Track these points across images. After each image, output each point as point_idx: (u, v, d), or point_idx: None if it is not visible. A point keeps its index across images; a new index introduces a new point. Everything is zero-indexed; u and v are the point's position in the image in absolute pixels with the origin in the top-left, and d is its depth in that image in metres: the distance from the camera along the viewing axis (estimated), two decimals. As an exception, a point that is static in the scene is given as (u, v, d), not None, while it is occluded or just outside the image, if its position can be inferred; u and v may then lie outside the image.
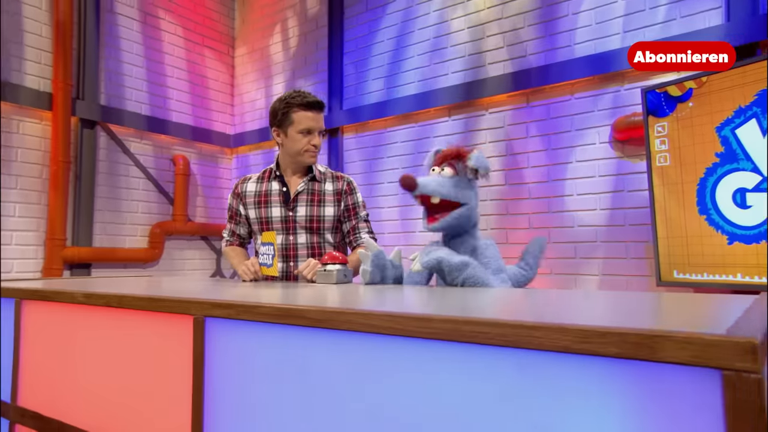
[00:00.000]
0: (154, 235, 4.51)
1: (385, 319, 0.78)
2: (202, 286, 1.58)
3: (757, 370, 0.51)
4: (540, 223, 3.40)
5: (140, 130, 4.50)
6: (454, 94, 3.77)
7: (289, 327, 0.91)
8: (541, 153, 3.43)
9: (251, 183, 2.30)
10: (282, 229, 2.17)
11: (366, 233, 2.21)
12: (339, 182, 2.22)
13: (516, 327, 0.66)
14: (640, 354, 0.57)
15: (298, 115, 2.11)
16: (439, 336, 0.73)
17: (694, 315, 0.76)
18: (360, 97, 4.35)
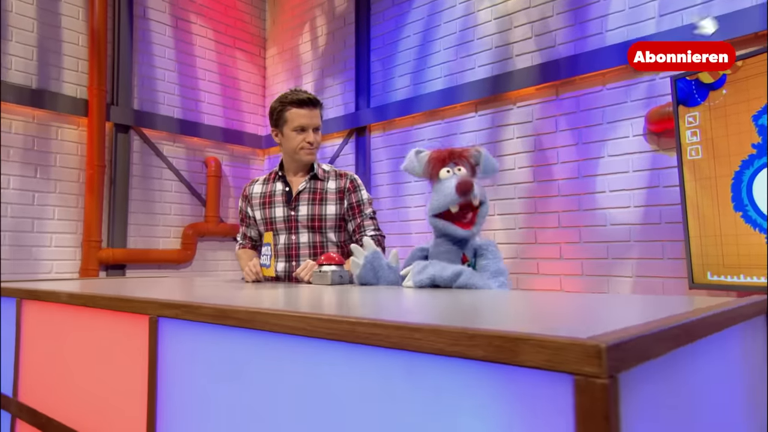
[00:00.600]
0: (186, 236, 4.69)
1: (295, 319, 0.80)
2: (188, 286, 1.65)
3: (601, 374, 0.50)
4: (570, 221, 3.32)
5: (173, 133, 4.69)
6: (480, 89, 3.73)
7: (223, 327, 0.95)
8: (571, 148, 3.35)
9: (257, 185, 2.37)
10: (285, 228, 2.22)
11: (372, 231, 2.22)
12: (342, 180, 2.24)
13: (400, 329, 0.67)
14: (503, 357, 0.57)
15: (292, 113, 2.16)
16: (338, 337, 0.74)
17: (592, 317, 0.75)
18: (386, 94, 4.37)
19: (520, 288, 3.49)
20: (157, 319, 1.09)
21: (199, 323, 1.00)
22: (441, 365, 0.64)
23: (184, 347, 1.04)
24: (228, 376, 0.93)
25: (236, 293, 1.35)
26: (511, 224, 3.56)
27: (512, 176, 3.59)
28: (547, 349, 0.54)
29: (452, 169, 1.62)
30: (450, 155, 1.63)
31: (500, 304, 0.99)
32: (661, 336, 0.60)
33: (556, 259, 3.35)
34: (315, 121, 2.18)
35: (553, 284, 3.35)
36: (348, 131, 4.61)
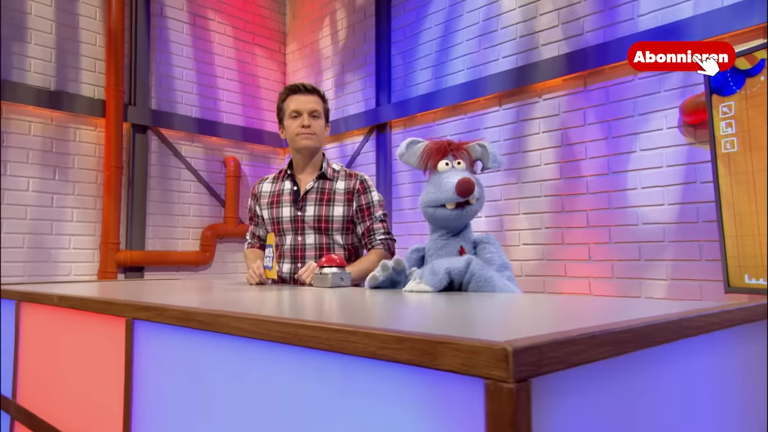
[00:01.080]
0: (205, 237, 4.80)
1: (249, 322, 0.83)
2: (183, 288, 1.71)
3: (508, 379, 0.51)
4: (599, 220, 3.27)
5: (191, 132, 4.82)
6: (504, 81, 3.71)
7: (189, 330, 0.99)
8: (601, 142, 3.30)
9: (267, 183, 2.43)
10: (291, 229, 2.26)
11: (382, 235, 2.24)
12: (351, 181, 2.27)
13: (337, 332, 0.69)
14: (425, 361, 0.58)
15: (286, 103, 2.25)
16: (286, 340, 0.77)
17: (546, 320, 0.75)
18: (408, 89, 4.39)
19: (546, 291, 3.46)
20: (132, 322, 1.14)
21: (168, 325, 1.04)
22: (373, 368, 0.66)
23: (156, 349, 1.09)
24: (194, 378, 0.97)
25: (220, 296, 1.39)
26: (537, 224, 3.53)
27: (538, 173, 3.55)
28: (462, 353, 0.55)
29: (451, 162, 1.65)
30: (449, 147, 1.65)
31: (482, 309, 1.00)
32: (595, 341, 0.60)
33: (584, 260, 3.31)
34: (309, 105, 2.22)
35: (582, 287, 3.31)
36: (369, 128, 4.64)
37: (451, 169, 1.63)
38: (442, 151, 1.66)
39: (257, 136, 5.22)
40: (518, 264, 3.60)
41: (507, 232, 3.68)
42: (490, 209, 3.78)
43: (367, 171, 4.68)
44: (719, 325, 0.84)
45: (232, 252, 5.02)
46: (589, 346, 0.59)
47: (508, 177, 3.70)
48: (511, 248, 3.65)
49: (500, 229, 3.72)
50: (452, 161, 1.65)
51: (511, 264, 1.64)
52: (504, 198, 3.72)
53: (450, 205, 1.58)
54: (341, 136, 4.93)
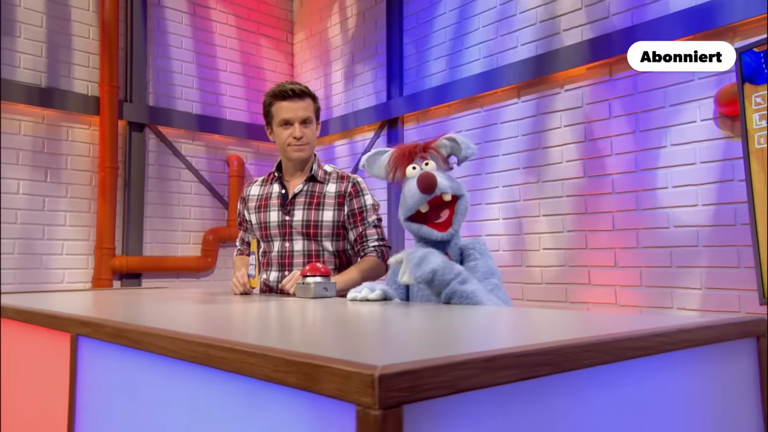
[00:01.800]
0: (207, 242, 4.89)
1: (170, 341, 0.86)
2: (152, 298, 1.76)
3: (373, 405, 0.52)
4: (626, 223, 3.24)
5: (191, 130, 4.91)
6: (523, 71, 3.70)
7: (122, 347, 1.02)
8: (627, 136, 3.26)
9: (255, 186, 2.47)
10: (279, 234, 2.29)
11: (375, 241, 2.26)
12: (343, 183, 2.29)
13: (239, 353, 0.71)
14: (309, 385, 0.60)
15: (276, 108, 2.26)
16: (198, 360, 0.80)
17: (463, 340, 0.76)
18: (420, 80, 4.41)
19: (569, 300, 3.43)
20: (77, 338, 1.18)
21: (106, 342, 1.08)
22: (271, 392, 0.68)
23: (97, 366, 1.13)
24: (130, 397, 1.01)
25: (181, 308, 1.43)
26: (558, 226, 3.51)
27: (559, 171, 3.53)
28: (338, 378, 0.56)
29: (419, 165, 1.64)
30: (414, 150, 1.66)
31: (407, 327, 1.01)
32: (492, 364, 0.61)
33: (610, 267, 3.28)
34: (301, 113, 2.23)
35: (607, 296, 3.27)
36: (379, 123, 4.67)
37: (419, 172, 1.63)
38: (407, 155, 1.66)
39: (262, 133, 5.27)
40: (538, 270, 3.59)
41: (526, 235, 3.67)
42: (508, 210, 3.77)
43: (378, 169, 4.69)
44: (673, 345, 0.83)
45: (236, 257, 5.09)
46: (484, 369, 0.60)
47: (527, 176, 3.69)
48: (530, 253, 3.64)
49: (519, 232, 3.71)
50: (420, 164, 1.65)
51: (497, 269, 1.63)
52: (523, 198, 3.70)
53: (423, 207, 1.58)
54: (351, 132, 4.97)
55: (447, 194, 1.57)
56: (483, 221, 3.91)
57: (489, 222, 3.88)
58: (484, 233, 3.90)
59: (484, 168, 3.92)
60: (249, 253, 2.50)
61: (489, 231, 3.88)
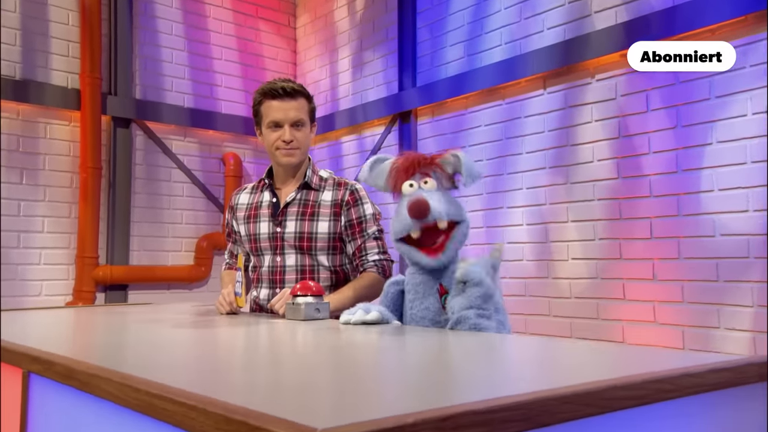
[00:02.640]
0: (200, 249, 4.90)
1: (116, 386, 0.85)
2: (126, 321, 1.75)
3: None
4: (665, 230, 3.19)
5: (183, 126, 4.92)
6: (550, 58, 3.67)
7: (72, 389, 1.01)
8: (667, 133, 3.21)
9: (244, 194, 2.47)
10: (270, 248, 2.29)
11: (376, 255, 2.25)
12: (340, 191, 2.29)
13: (181, 405, 0.70)
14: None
15: (265, 107, 2.25)
16: (142, 409, 0.78)
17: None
18: (435, 69, 4.38)
19: (600, 318, 3.38)
20: (28, 374, 1.17)
21: (55, 382, 1.06)
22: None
23: (48, 407, 1.12)
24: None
25: (148, 336, 1.42)
26: (589, 234, 3.46)
27: (590, 171, 3.49)
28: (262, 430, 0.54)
29: (417, 182, 1.65)
30: (415, 164, 1.66)
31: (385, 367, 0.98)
32: (449, 424, 0.58)
33: (647, 280, 3.23)
34: (292, 114, 2.22)
35: (645, 313, 3.22)
36: (391, 117, 4.66)
37: (417, 190, 1.64)
38: (407, 169, 1.67)
39: (262, 127, 5.28)
40: (566, 283, 3.54)
41: (553, 243, 3.63)
42: (532, 215, 3.73)
43: (388, 169, 4.67)
44: (675, 393, 0.79)
45: (233, 266, 5.10)
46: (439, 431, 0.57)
47: (554, 176, 3.64)
48: (557, 263, 3.60)
49: (545, 239, 3.66)
50: (418, 181, 1.66)
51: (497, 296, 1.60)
52: (549, 202, 3.66)
53: (414, 233, 1.59)
54: (359, 127, 4.96)
55: (442, 221, 1.57)
56: (504, 227, 3.87)
57: (511, 228, 3.84)
58: (506, 240, 3.85)
59: (506, 167, 3.88)
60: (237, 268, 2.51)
61: (511, 238, 3.83)
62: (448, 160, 1.69)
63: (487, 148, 4.03)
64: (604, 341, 3.34)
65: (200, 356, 1.19)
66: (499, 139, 3.95)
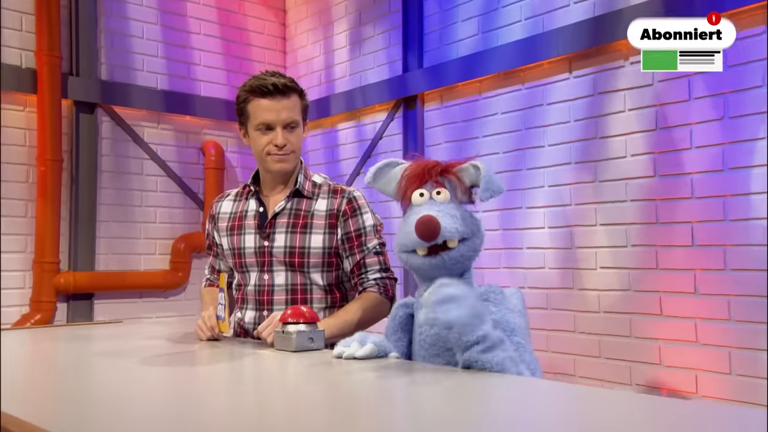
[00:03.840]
0: (177, 252, 4.87)
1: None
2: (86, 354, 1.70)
3: None
4: (709, 237, 3.17)
5: (156, 111, 4.87)
6: (577, 37, 3.63)
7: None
8: (713, 125, 3.19)
9: (227, 201, 2.47)
10: (256, 264, 2.29)
11: (377, 273, 2.25)
12: (336, 199, 2.29)
13: None
14: None
15: (253, 106, 2.22)
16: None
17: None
18: (445, 48, 4.36)
19: (633, 336, 3.36)
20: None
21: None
22: None
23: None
24: None
25: (107, 376, 1.37)
26: (621, 240, 3.45)
27: (622, 168, 3.46)
28: None
29: (429, 192, 1.67)
30: (428, 171, 1.68)
31: None
32: None
33: (688, 294, 3.21)
34: (284, 115, 2.20)
35: (685, 331, 3.20)
36: (394, 102, 4.64)
37: (428, 201, 1.66)
38: (419, 176, 1.69)
39: (246, 112, 5.22)
40: (594, 295, 3.53)
41: (579, 250, 3.61)
42: (555, 217, 3.71)
43: (390, 161, 4.63)
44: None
45: (213, 271, 5.06)
46: None
47: (580, 173, 3.62)
48: (584, 273, 3.59)
49: (569, 245, 3.65)
50: (430, 191, 1.68)
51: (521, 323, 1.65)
52: (575, 202, 3.64)
53: (421, 250, 1.62)
54: (357, 113, 4.94)
55: (453, 241, 1.61)
56: (523, 230, 3.85)
57: (531, 231, 3.80)
58: (525, 246, 3.83)
59: (525, 162, 3.85)
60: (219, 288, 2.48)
61: (531, 243, 3.81)
62: (466, 170, 1.69)
63: (503, 140, 4.00)
64: (648, 388, 3.30)
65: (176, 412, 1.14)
66: (518, 130, 3.92)
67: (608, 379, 3.43)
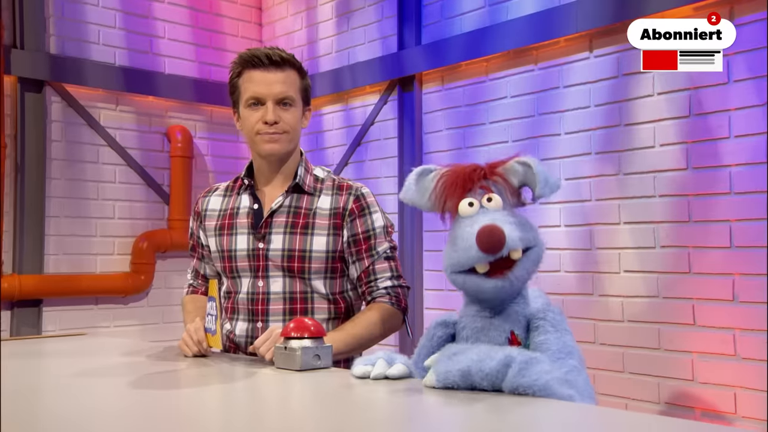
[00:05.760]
0: (139, 252, 4.81)
1: None
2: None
3: None
4: (749, 237, 3.16)
5: (114, 90, 4.80)
6: (598, 11, 3.61)
7: None
8: (754, 111, 3.18)
9: (215, 197, 2.46)
10: (248, 269, 2.28)
11: (388, 281, 2.26)
12: (341, 196, 2.29)
13: None
14: None
15: (244, 80, 2.24)
16: None
17: None
18: (447, 23, 4.35)
19: (664, 348, 3.35)
20: None
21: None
22: None
23: None
24: None
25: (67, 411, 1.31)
26: (648, 240, 3.44)
27: (650, 159, 3.46)
28: None
29: (477, 200, 1.66)
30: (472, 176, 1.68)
31: None
32: None
33: (726, 301, 3.21)
34: (277, 88, 2.20)
35: (723, 344, 3.20)
36: (388, 83, 4.62)
37: (479, 210, 1.65)
38: (463, 183, 1.68)
39: (218, 93, 5.17)
40: (617, 302, 3.53)
41: (600, 251, 3.60)
42: (573, 215, 3.71)
43: (385, 150, 4.64)
44: None
45: (181, 273, 4.98)
46: None
47: (602, 165, 3.61)
48: (606, 277, 3.59)
49: (589, 246, 3.64)
50: (479, 198, 1.66)
51: (577, 347, 1.68)
52: (595, 198, 3.63)
53: (481, 267, 1.60)
54: (345, 95, 4.93)
55: (517, 251, 1.60)
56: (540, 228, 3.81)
57: (546, 230, 3.77)
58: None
59: (539, 152, 3.84)
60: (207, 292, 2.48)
61: (546, 242, 3.76)
62: (513, 169, 1.70)
63: (513, 127, 3.99)
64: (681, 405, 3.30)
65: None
66: (530, 116, 3.91)
67: (633, 396, 3.43)
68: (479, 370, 1.47)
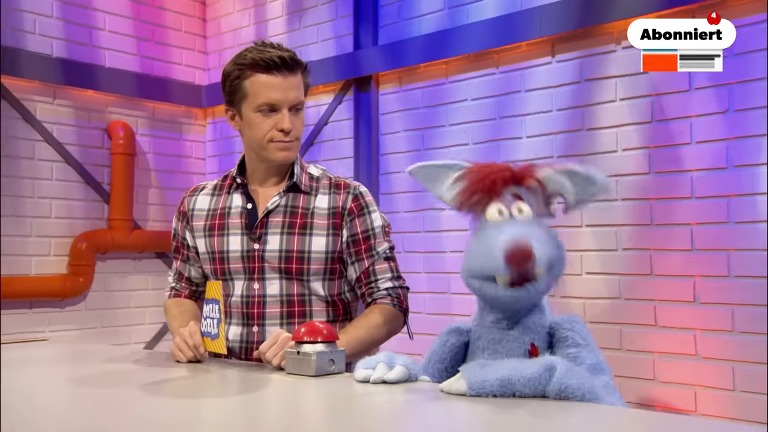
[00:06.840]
0: (77, 253, 4.70)
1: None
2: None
3: None
4: (711, 240, 3.25)
5: (51, 83, 4.70)
6: (562, 16, 3.66)
7: None
8: (715, 118, 3.27)
9: (203, 196, 2.40)
10: (243, 271, 2.24)
11: (388, 282, 2.25)
12: (340, 195, 2.27)
13: None
14: None
15: (252, 83, 2.16)
16: None
17: None
18: (405, 24, 4.36)
19: (624, 349, 3.43)
20: None
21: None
22: None
23: None
24: None
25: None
26: (610, 243, 3.51)
27: (613, 164, 3.52)
28: None
29: (507, 209, 1.59)
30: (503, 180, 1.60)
31: None
32: None
33: (687, 303, 3.29)
34: (292, 95, 2.16)
35: (683, 344, 3.28)
36: (342, 83, 4.62)
37: (509, 221, 1.58)
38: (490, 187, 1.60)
39: (161, 88, 5.15)
40: (579, 303, 3.59)
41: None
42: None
43: (340, 151, 4.64)
44: None
45: (122, 275, 4.92)
46: None
47: None
48: (568, 279, 3.62)
49: (552, 249, 3.68)
50: (510, 206, 1.59)
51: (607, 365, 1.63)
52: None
53: (501, 279, 1.53)
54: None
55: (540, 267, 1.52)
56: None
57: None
58: (500, 249, 3.86)
59: (500, 155, 3.88)
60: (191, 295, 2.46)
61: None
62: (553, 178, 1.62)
63: (474, 129, 4.02)
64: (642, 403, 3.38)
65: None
66: (491, 119, 3.95)
67: (594, 397, 3.50)
68: (521, 376, 1.44)
